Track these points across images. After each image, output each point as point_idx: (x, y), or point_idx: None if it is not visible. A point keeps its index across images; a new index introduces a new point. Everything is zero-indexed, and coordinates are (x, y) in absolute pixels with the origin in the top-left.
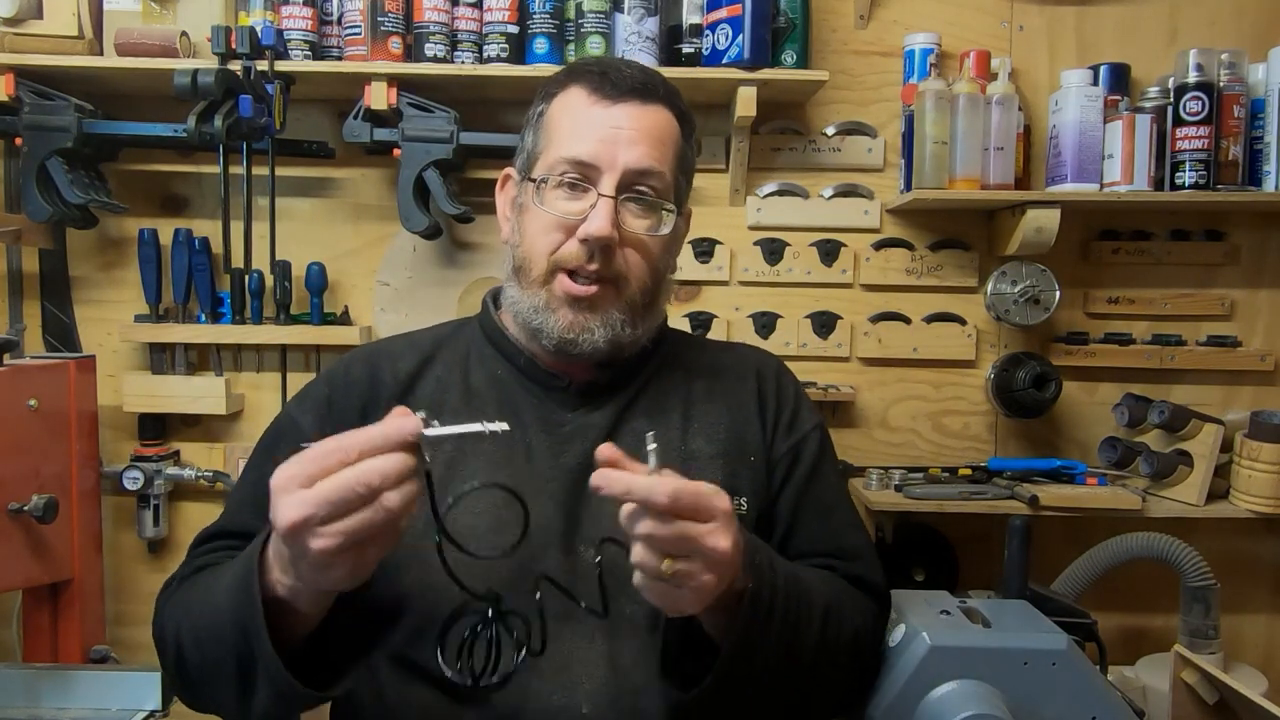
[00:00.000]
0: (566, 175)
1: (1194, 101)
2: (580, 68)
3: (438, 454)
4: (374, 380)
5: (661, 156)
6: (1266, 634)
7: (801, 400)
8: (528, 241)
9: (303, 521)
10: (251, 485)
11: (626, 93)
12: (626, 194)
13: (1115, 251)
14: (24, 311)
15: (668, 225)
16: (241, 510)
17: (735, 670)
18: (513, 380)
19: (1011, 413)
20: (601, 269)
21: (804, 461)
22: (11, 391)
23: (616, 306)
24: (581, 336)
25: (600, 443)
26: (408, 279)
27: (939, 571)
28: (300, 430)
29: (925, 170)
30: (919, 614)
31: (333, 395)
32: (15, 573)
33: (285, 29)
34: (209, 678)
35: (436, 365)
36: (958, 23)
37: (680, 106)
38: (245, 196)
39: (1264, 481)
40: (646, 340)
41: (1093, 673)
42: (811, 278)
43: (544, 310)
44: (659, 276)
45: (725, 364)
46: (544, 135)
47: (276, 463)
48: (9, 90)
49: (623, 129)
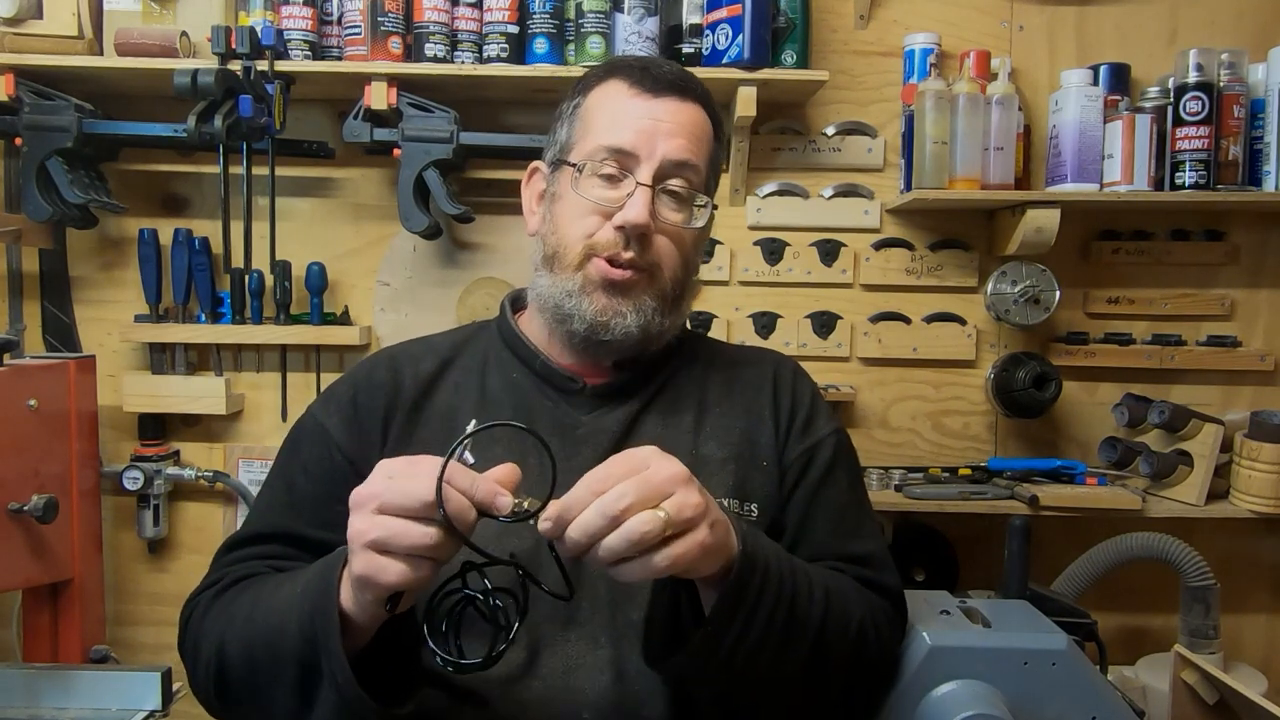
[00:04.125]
0: (605, 163)
1: (1194, 101)
2: (620, 63)
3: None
4: (397, 384)
5: (697, 151)
6: (1266, 634)
7: (818, 405)
8: (562, 228)
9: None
10: (284, 488)
11: (666, 88)
12: (662, 185)
13: (1115, 251)
14: (24, 311)
15: (701, 219)
16: (273, 512)
17: (724, 636)
18: (528, 384)
19: (1011, 413)
20: (636, 257)
21: (816, 466)
22: (11, 391)
23: (650, 293)
24: (614, 321)
25: (614, 445)
26: (408, 279)
27: (939, 571)
28: (325, 431)
29: (925, 170)
30: (919, 614)
31: (357, 396)
32: (15, 573)
33: (285, 29)
34: (261, 687)
35: (454, 370)
36: (958, 23)
37: (714, 108)
38: (245, 196)
39: (1264, 481)
40: (671, 337)
41: (1093, 673)
42: (811, 278)
43: (577, 294)
44: (690, 269)
45: (742, 368)
46: (580, 126)
47: (303, 465)
48: (9, 90)
49: (662, 121)
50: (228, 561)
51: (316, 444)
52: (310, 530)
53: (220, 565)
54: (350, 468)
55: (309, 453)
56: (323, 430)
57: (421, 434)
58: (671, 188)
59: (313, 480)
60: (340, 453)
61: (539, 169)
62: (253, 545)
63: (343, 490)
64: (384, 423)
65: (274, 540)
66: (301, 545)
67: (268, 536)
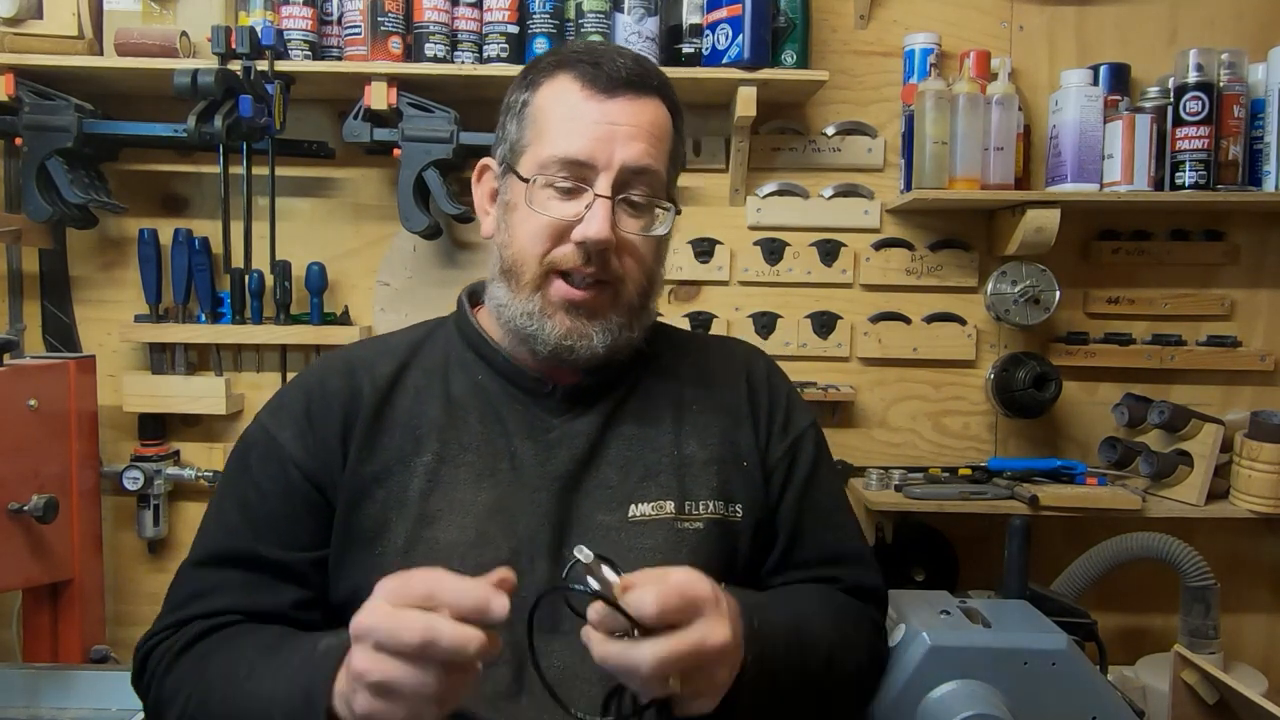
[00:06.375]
0: (560, 175)
1: (1194, 101)
2: (570, 56)
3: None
4: (353, 391)
5: (657, 152)
6: (1266, 634)
7: (794, 400)
8: (518, 242)
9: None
10: (236, 506)
11: (621, 85)
12: (622, 194)
13: (1115, 251)
14: (24, 311)
15: (663, 225)
16: (227, 533)
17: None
18: (495, 387)
19: (1011, 413)
20: (598, 272)
21: (801, 465)
22: (11, 391)
23: (615, 310)
24: (579, 343)
25: (590, 448)
26: (408, 279)
27: (939, 571)
28: (278, 446)
29: (925, 170)
30: (919, 614)
31: (311, 407)
32: (15, 573)
33: (285, 29)
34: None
35: (413, 373)
36: (958, 23)
37: (672, 97)
38: (245, 196)
39: (1264, 481)
40: (640, 341)
41: (1093, 673)
42: (811, 278)
43: (539, 316)
44: (654, 276)
45: (714, 364)
46: (531, 127)
47: (255, 482)
48: (9, 90)
49: (618, 125)
50: (190, 593)
51: (269, 459)
52: (270, 552)
53: (182, 595)
54: (308, 484)
55: (261, 469)
56: (275, 444)
57: (384, 442)
58: (633, 198)
59: (267, 498)
60: (297, 468)
61: (489, 167)
62: (214, 569)
63: (301, 508)
64: (343, 434)
65: (234, 563)
66: (263, 568)
67: (228, 559)
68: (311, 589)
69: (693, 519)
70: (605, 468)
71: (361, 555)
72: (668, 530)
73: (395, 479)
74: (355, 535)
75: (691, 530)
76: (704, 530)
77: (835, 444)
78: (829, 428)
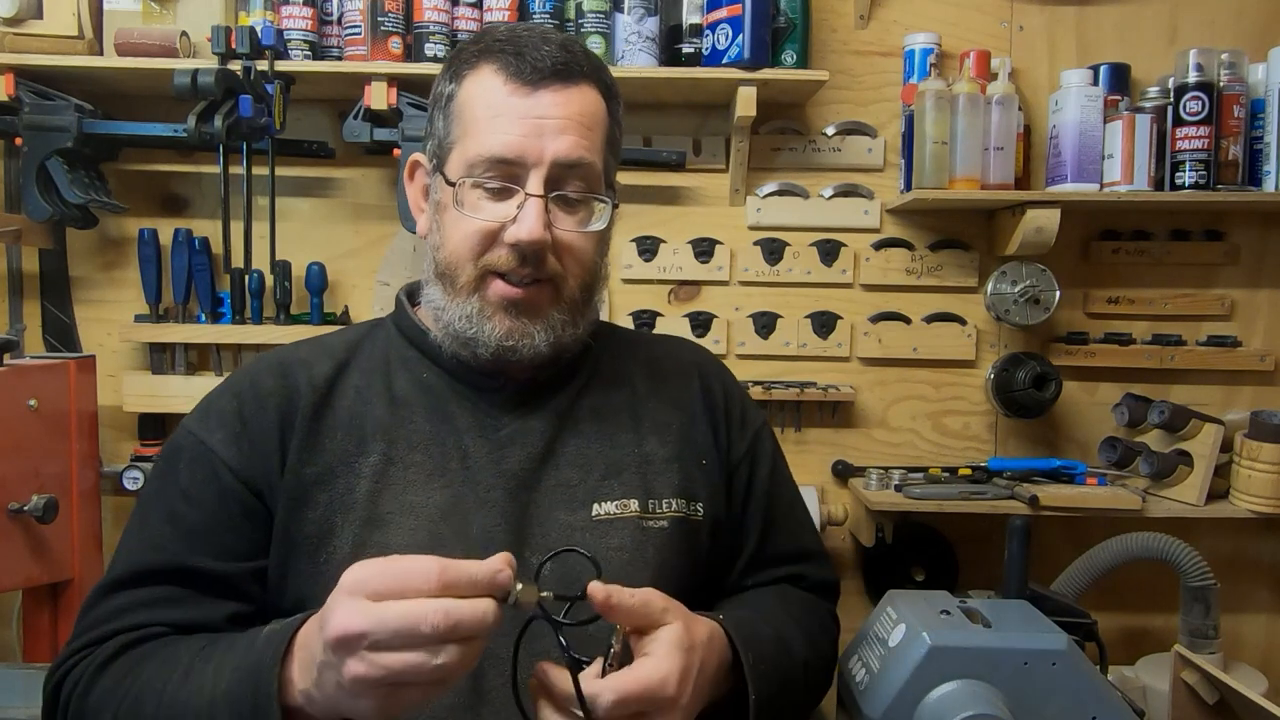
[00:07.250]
0: (488, 175)
1: (1194, 101)
2: (493, 45)
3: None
4: (289, 391)
5: (591, 144)
6: (1266, 634)
7: (745, 397)
8: (451, 246)
9: (356, 636)
10: (163, 518)
11: (548, 75)
12: (556, 191)
13: (1115, 251)
14: (24, 311)
15: (601, 219)
16: (155, 546)
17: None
18: (441, 384)
19: (1011, 413)
20: (535, 272)
21: (763, 463)
22: (11, 391)
23: (556, 308)
24: (522, 342)
25: (543, 445)
26: (407, 279)
27: (939, 571)
28: (208, 450)
29: (925, 170)
30: (919, 614)
31: (243, 409)
32: (15, 573)
33: (285, 29)
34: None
35: (353, 373)
36: (958, 23)
37: (605, 80)
38: (245, 196)
39: (1264, 481)
40: (586, 336)
41: (1093, 673)
42: (811, 278)
43: (478, 319)
44: (595, 270)
45: (664, 361)
46: (456, 124)
47: (183, 490)
48: (9, 90)
49: (546, 119)
50: (110, 611)
51: (199, 465)
52: (203, 563)
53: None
54: (243, 488)
55: (190, 476)
56: (204, 449)
57: (325, 444)
58: (568, 194)
59: (198, 506)
60: (230, 473)
61: (420, 163)
62: (138, 587)
63: (237, 515)
64: (280, 434)
65: (162, 579)
66: (195, 582)
67: (154, 575)
68: (250, 601)
69: (657, 518)
70: (564, 466)
71: (304, 562)
72: (633, 529)
73: (339, 481)
74: (297, 541)
75: (656, 529)
76: (668, 529)
77: (835, 444)
78: (829, 427)
